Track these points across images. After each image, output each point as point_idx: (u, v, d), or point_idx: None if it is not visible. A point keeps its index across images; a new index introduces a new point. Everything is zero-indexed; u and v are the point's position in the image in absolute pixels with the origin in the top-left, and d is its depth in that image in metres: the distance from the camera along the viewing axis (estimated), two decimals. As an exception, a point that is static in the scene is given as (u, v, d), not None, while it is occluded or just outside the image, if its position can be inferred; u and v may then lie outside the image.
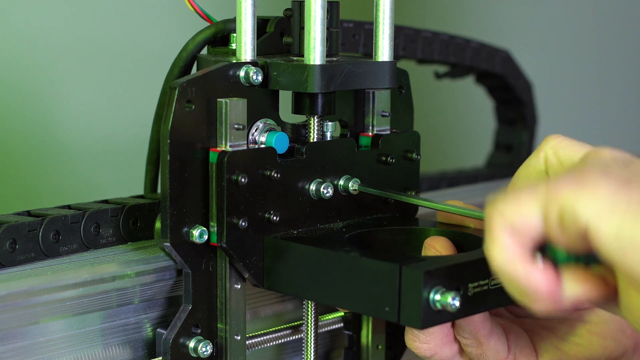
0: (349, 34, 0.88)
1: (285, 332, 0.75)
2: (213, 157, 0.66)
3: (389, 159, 0.75)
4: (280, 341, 0.75)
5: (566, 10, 1.80)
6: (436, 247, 0.67)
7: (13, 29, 1.21)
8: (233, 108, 0.67)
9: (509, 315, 0.73)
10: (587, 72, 1.85)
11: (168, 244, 0.66)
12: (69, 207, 0.72)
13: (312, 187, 0.71)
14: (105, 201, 0.74)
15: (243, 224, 0.67)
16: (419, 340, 0.68)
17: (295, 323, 0.76)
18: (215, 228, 0.66)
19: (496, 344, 0.68)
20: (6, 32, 1.20)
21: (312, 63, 0.67)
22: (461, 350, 0.70)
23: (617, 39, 1.86)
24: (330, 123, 0.73)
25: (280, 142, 0.69)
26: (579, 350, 0.70)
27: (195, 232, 0.66)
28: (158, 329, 0.69)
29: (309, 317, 0.74)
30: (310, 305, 0.74)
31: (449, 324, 0.69)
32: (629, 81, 1.90)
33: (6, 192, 1.23)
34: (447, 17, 1.65)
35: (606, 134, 1.88)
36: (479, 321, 0.67)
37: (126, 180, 1.20)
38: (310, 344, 0.74)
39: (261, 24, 0.73)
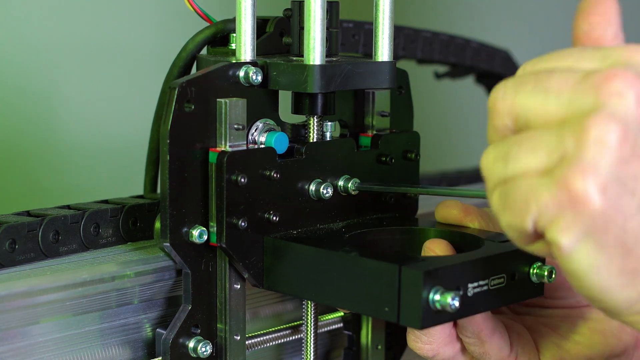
0: (349, 34, 0.88)
1: (285, 332, 0.75)
2: (213, 157, 0.66)
3: (388, 159, 0.75)
4: (280, 341, 0.75)
5: (566, 10, 1.79)
6: (435, 250, 0.67)
7: (13, 29, 1.21)
8: (233, 108, 0.67)
9: (510, 313, 0.73)
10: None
11: (167, 244, 0.66)
12: (68, 207, 0.72)
13: (312, 187, 0.70)
14: (105, 201, 0.74)
15: (242, 224, 0.67)
16: (420, 341, 0.68)
17: (295, 323, 0.76)
18: (215, 228, 0.66)
19: (499, 342, 0.68)
20: (6, 32, 1.20)
21: (311, 63, 0.67)
22: (463, 349, 0.70)
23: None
24: (330, 123, 0.73)
25: (279, 142, 0.69)
26: (580, 348, 0.70)
27: (195, 232, 0.66)
28: (158, 329, 0.69)
29: (309, 317, 0.74)
30: (310, 305, 0.74)
31: (450, 324, 0.69)
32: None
33: (6, 192, 1.23)
34: (447, 17, 1.65)
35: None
36: (481, 320, 0.67)
37: (126, 180, 1.20)
38: (310, 344, 0.74)
39: (261, 24, 0.73)
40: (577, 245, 0.51)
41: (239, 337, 0.69)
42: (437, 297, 0.60)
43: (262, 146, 0.69)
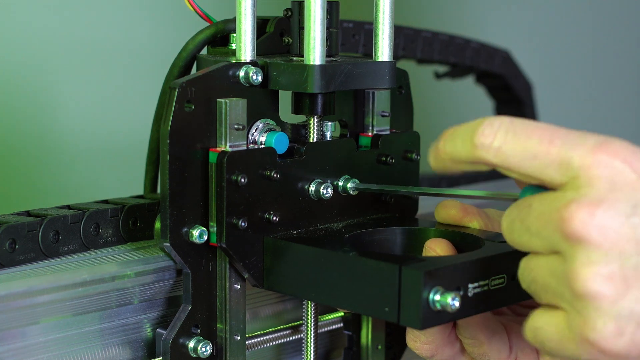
0: (349, 34, 0.88)
1: (285, 332, 0.75)
2: (213, 157, 0.66)
3: (388, 159, 0.75)
4: (280, 341, 0.75)
5: (566, 10, 1.80)
6: (437, 249, 0.67)
7: (13, 28, 1.21)
8: (233, 108, 0.67)
9: (510, 314, 0.73)
10: (587, 72, 1.85)
11: (168, 244, 0.66)
12: (68, 207, 0.72)
13: (312, 187, 0.71)
14: (105, 201, 0.74)
15: (243, 224, 0.67)
16: (419, 341, 0.68)
17: (295, 323, 0.76)
18: (215, 228, 0.66)
19: (498, 344, 0.68)
20: (6, 32, 1.20)
21: (311, 63, 0.67)
22: (462, 350, 0.70)
23: (616, 38, 1.86)
24: (330, 123, 0.73)
25: (280, 142, 0.69)
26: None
27: (195, 232, 0.66)
28: (158, 329, 0.69)
29: (309, 317, 0.74)
30: (310, 305, 0.74)
31: (450, 324, 0.69)
32: (628, 81, 1.90)
33: (6, 192, 1.23)
34: (447, 17, 1.65)
35: (606, 134, 1.87)
36: (480, 321, 0.67)
37: (126, 180, 1.20)
38: (310, 344, 0.74)
39: (261, 24, 0.73)
40: None
41: (239, 337, 0.69)
42: (437, 297, 0.60)
43: (262, 146, 0.69)
